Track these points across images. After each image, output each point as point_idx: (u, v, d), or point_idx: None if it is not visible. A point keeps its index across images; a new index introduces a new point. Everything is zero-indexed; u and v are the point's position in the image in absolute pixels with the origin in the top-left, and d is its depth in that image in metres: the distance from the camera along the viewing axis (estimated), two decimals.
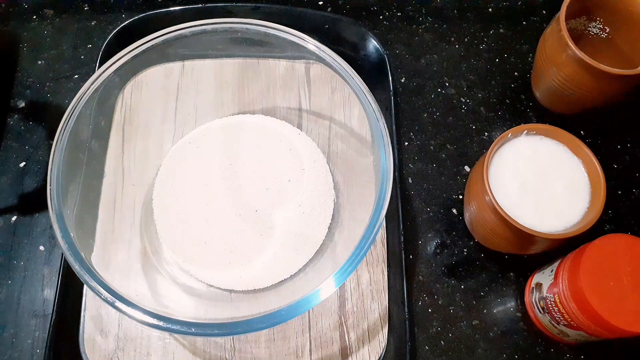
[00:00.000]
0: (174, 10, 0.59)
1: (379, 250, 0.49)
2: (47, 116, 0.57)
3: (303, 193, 0.51)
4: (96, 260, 0.42)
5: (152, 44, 0.46)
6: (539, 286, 0.46)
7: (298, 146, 0.53)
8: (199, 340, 0.46)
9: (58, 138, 0.42)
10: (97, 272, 0.38)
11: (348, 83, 0.45)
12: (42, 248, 0.51)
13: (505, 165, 0.45)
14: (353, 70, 0.45)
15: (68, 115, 0.43)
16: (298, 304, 0.38)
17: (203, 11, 0.59)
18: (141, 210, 0.51)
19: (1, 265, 0.50)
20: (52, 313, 0.46)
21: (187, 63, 0.56)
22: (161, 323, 0.37)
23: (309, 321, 0.47)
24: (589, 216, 0.42)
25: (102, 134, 0.51)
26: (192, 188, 0.51)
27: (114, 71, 0.45)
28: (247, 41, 0.51)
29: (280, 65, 0.56)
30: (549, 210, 0.43)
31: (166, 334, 0.46)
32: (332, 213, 0.51)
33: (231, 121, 0.55)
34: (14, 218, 0.52)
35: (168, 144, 0.54)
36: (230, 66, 0.57)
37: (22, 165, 0.54)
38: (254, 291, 0.48)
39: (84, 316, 0.46)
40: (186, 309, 0.47)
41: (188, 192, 0.51)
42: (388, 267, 0.49)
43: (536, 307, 0.46)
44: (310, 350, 0.46)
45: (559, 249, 0.44)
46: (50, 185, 0.41)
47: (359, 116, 0.50)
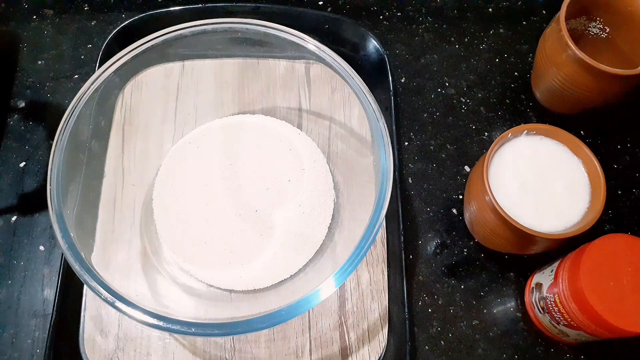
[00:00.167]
0: (174, 10, 0.59)
1: (379, 250, 0.49)
2: (47, 116, 0.57)
3: (303, 193, 0.51)
4: (96, 260, 0.42)
5: (152, 44, 0.46)
6: (539, 286, 0.46)
7: (298, 146, 0.53)
8: (199, 340, 0.46)
9: (58, 138, 0.42)
10: (97, 272, 0.38)
11: (348, 83, 0.45)
12: (42, 248, 0.51)
13: (505, 165, 0.45)
14: (353, 70, 0.45)
15: (68, 115, 0.43)
16: (298, 304, 0.38)
17: (203, 11, 0.59)
18: (141, 210, 0.51)
19: (1, 265, 0.50)
20: (52, 313, 0.46)
21: (187, 63, 0.56)
22: (161, 323, 0.37)
23: (309, 321, 0.47)
24: (589, 216, 0.42)
25: (102, 134, 0.51)
26: (192, 188, 0.51)
27: (114, 71, 0.45)
28: (247, 41, 0.51)
29: (280, 65, 0.56)
30: (549, 210, 0.43)
31: (166, 334, 0.46)
32: (332, 213, 0.51)
33: (231, 121, 0.55)
34: (14, 218, 0.52)
35: (168, 144, 0.54)
36: (230, 66, 0.57)
37: (22, 165, 0.54)
38: (254, 291, 0.48)
39: (84, 316, 0.47)
40: (186, 309, 0.47)
41: (188, 192, 0.51)
42: (388, 267, 0.49)
43: (536, 307, 0.46)
44: (310, 350, 0.46)
45: (559, 249, 0.44)
46: (50, 185, 0.41)
47: (359, 116, 0.50)
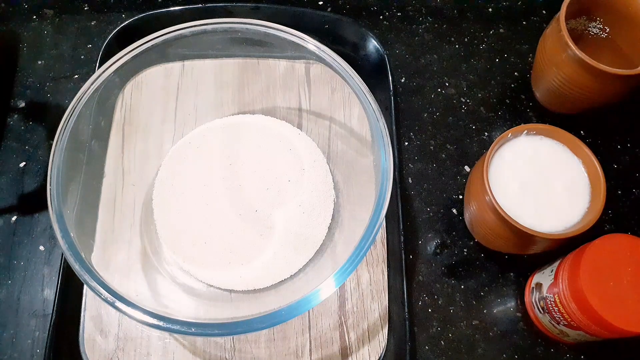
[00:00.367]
0: (174, 10, 0.59)
1: (379, 250, 0.49)
2: (47, 116, 0.57)
3: (303, 193, 0.51)
4: (96, 260, 0.42)
5: (152, 44, 0.46)
6: (539, 286, 0.46)
7: (298, 146, 0.53)
8: (199, 340, 0.46)
9: (58, 138, 0.42)
10: (97, 272, 0.38)
11: (348, 83, 0.45)
12: (42, 248, 0.51)
13: (505, 165, 0.45)
14: (353, 70, 0.45)
15: (68, 115, 0.43)
16: (298, 304, 0.38)
17: (203, 11, 0.59)
18: (141, 210, 0.51)
19: (1, 265, 0.50)
20: (52, 313, 0.46)
21: (187, 63, 0.56)
22: (161, 323, 0.37)
23: (309, 321, 0.47)
24: (589, 216, 0.42)
25: (102, 134, 0.51)
26: (192, 188, 0.51)
27: (114, 71, 0.45)
28: (247, 41, 0.51)
29: (280, 65, 0.56)
30: (549, 210, 0.43)
31: (166, 334, 0.46)
32: (332, 213, 0.51)
33: (231, 121, 0.55)
34: (14, 218, 0.52)
35: (168, 144, 0.54)
36: (230, 66, 0.57)
37: (22, 165, 0.54)
38: (254, 291, 0.48)
39: (84, 316, 0.46)
40: (186, 309, 0.47)
41: (188, 192, 0.51)
42: (388, 267, 0.49)
43: (536, 307, 0.46)
44: (310, 350, 0.46)
45: (559, 249, 0.44)
46: (50, 185, 0.41)
47: (359, 116, 0.50)
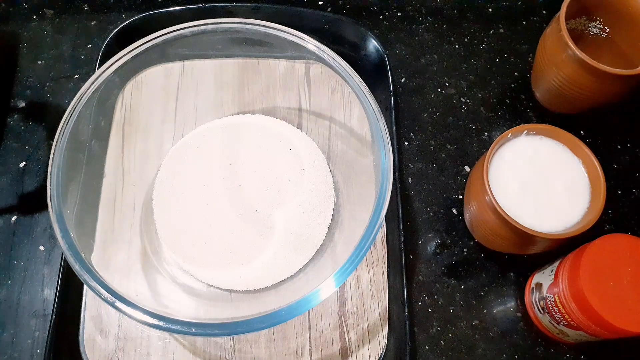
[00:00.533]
0: (174, 10, 0.59)
1: (379, 250, 0.49)
2: (47, 116, 0.57)
3: (303, 193, 0.51)
4: (96, 260, 0.42)
5: (152, 44, 0.46)
6: (539, 286, 0.46)
7: (298, 146, 0.53)
8: (199, 340, 0.46)
9: (58, 138, 0.42)
10: (97, 272, 0.38)
11: (348, 83, 0.45)
12: (42, 248, 0.51)
13: (505, 165, 0.45)
14: (353, 70, 0.45)
15: (68, 115, 0.43)
16: (298, 304, 0.38)
17: (203, 11, 0.59)
18: (141, 210, 0.51)
19: (1, 265, 0.50)
20: (52, 313, 0.46)
21: (187, 63, 0.56)
22: (161, 323, 0.37)
23: (309, 321, 0.47)
24: (589, 216, 0.42)
25: (102, 134, 0.51)
26: (192, 188, 0.51)
27: (114, 71, 0.45)
28: (247, 41, 0.51)
29: (280, 65, 0.56)
30: (549, 210, 0.43)
31: (166, 334, 0.46)
32: (332, 213, 0.51)
33: (231, 121, 0.55)
34: (14, 218, 0.52)
35: (168, 144, 0.54)
36: (230, 66, 0.57)
37: (22, 165, 0.54)
38: (254, 291, 0.48)
39: (84, 316, 0.46)
40: (186, 309, 0.47)
41: (188, 192, 0.51)
42: (388, 267, 0.49)
43: (536, 307, 0.46)
44: (310, 350, 0.46)
45: (559, 249, 0.44)
46: (50, 185, 0.41)
47: (359, 116, 0.50)
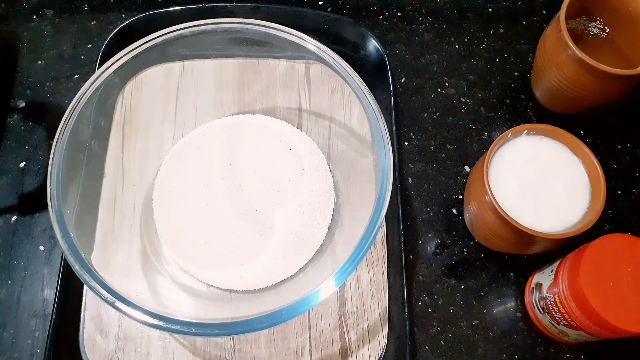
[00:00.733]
0: (174, 10, 0.59)
1: (379, 250, 0.49)
2: (47, 116, 0.57)
3: (303, 193, 0.51)
4: (96, 260, 0.42)
5: (152, 44, 0.46)
6: (539, 286, 0.46)
7: (298, 146, 0.53)
8: (199, 340, 0.46)
9: (58, 138, 0.42)
10: (97, 272, 0.38)
11: (348, 83, 0.45)
12: (42, 248, 0.51)
13: (505, 165, 0.45)
14: (353, 70, 0.45)
15: (68, 115, 0.43)
16: (298, 304, 0.38)
17: (203, 11, 0.59)
18: (141, 210, 0.51)
19: (1, 265, 0.50)
20: (52, 313, 0.46)
21: (187, 63, 0.56)
22: (161, 323, 0.37)
23: (309, 321, 0.47)
24: (589, 216, 0.42)
25: (102, 134, 0.51)
26: (192, 188, 0.51)
27: (114, 71, 0.45)
28: (247, 41, 0.51)
29: (280, 65, 0.56)
30: (549, 210, 0.43)
31: (166, 334, 0.46)
32: (332, 213, 0.51)
33: (231, 121, 0.55)
34: (14, 218, 0.52)
35: (168, 144, 0.54)
36: (230, 66, 0.57)
37: (22, 165, 0.54)
38: (254, 291, 0.48)
39: (84, 316, 0.46)
40: (186, 309, 0.47)
41: (188, 192, 0.51)
42: (388, 267, 0.49)
43: (536, 307, 0.46)
44: (310, 350, 0.46)
45: (559, 249, 0.44)
46: (50, 185, 0.41)
47: (359, 116, 0.50)
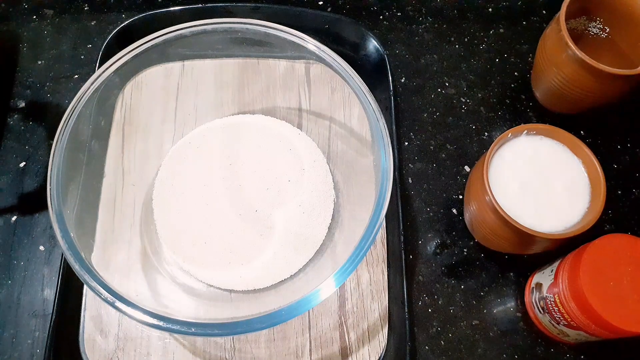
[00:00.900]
0: (174, 10, 0.59)
1: (379, 250, 0.49)
2: (47, 116, 0.57)
3: (303, 193, 0.51)
4: (96, 260, 0.42)
5: (152, 44, 0.46)
6: (539, 286, 0.46)
7: (298, 146, 0.53)
8: (199, 340, 0.46)
9: (58, 138, 0.42)
10: (97, 272, 0.38)
11: (348, 83, 0.45)
12: (42, 248, 0.51)
13: (505, 165, 0.45)
14: (353, 70, 0.45)
15: (68, 115, 0.43)
16: (298, 304, 0.38)
17: (203, 11, 0.59)
18: (141, 210, 0.51)
19: (1, 265, 0.50)
20: (52, 313, 0.46)
21: (187, 63, 0.56)
22: (161, 323, 0.37)
23: (309, 321, 0.47)
24: (589, 216, 0.42)
25: (102, 134, 0.51)
26: (192, 188, 0.51)
27: (114, 71, 0.45)
28: (247, 41, 0.51)
29: (280, 65, 0.56)
30: (549, 210, 0.43)
31: (166, 334, 0.46)
32: (332, 213, 0.51)
33: (231, 121, 0.55)
34: (14, 218, 0.52)
35: (168, 144, 0.54)
36: (230, 66, 0.57)
37: (22, 165, 0.54)
38: (254, 291, 0.48)
39: (84, 316, 0.47)
40: (186, 309, 0.47)
41: (188, 192, 0.51)
42: (388, 267, 0.49)
43: (536, 307, 0.46)
44: (310, 350, 0.46)
45: (559, 249, 0.44)
46: (50, 185, 0.41)
47: (359, 116, 0.50)
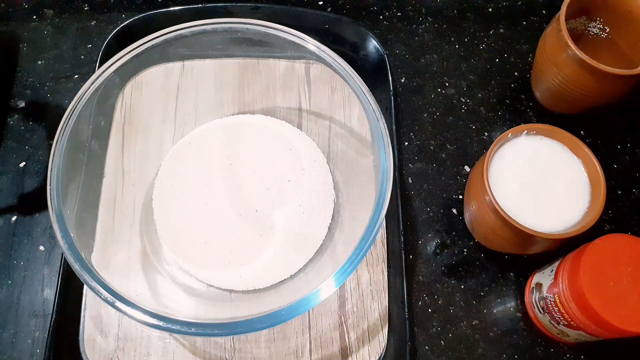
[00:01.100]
0: (174, 10, 0.59)
1: (379, 250, 0.49)
2: (47, 116, 0.57)
3: (303, 193, 0.51)
4: (96, 260, 0.42)
5: (152, 44, 0.46)
6: (539, 286, 0.46)
7: (298, 146, 0.53)
8: (199, 340, 0.46)
9: (58, 138, 0.42)
10: (97, 272, 0.38)
11: (348, 83, 0.45)
12: (42, 248, 0.51)
13: (505, 165, 0.45)
14: (353, 70, 0.45)
15: (68, 115, 0.43)
16: (298, 304, 0.38)
17: (203, 11, 0.59)
18: (141, 210, 0.51)
19: (1, 265, 0.50)
20: (52, 313, 0.46)
21: (187, 63, 0.56)
22: (161, 323, 0.37)
23: (309, 321, 0.47)
24: (589, 216, 0.42)
25: (102, 134, 0.51)
26: (192, 188, 0.51)
27: (114, 71, 0.45)
28: (247, 41, 0.51)
29: (280, 65, 0.56)
30: (549, 210, 0.43)
31: (166, 334, 0.46)
32: (332, 213, 0.51)
33: (231, 121, 0.55)
34: (14, 218, 0.52)
35: (168, 144, 0.54)
36: (230, 66, 0.57)
37: (22, 165, 0.54)
38: (254, 291, 0.48)
39: (84, 316, 0.47)
40: (186, 309, 0.47)
41: (188, 192, 0.51)
42: (388, 267, 0.49)
43: (536, 307, 0.46)
44: (310, 350, 0.46)
45: (559, 249, 0.44)
46: (50, 185, 0.41)
47: (359, 116, 0.50)
